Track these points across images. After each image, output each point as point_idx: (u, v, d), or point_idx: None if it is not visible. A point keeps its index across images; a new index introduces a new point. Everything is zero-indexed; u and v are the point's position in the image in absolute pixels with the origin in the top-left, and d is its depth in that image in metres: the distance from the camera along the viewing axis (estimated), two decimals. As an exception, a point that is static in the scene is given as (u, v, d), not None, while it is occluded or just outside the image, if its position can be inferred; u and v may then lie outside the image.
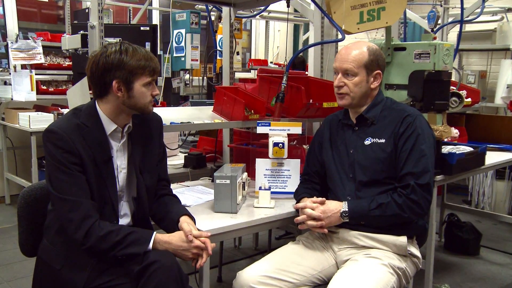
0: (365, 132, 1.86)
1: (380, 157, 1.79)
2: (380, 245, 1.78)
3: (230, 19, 2.94)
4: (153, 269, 1.48)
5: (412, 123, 1.78)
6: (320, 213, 1.77)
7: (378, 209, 1.73)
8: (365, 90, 1.84)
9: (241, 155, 2.69)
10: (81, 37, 2.27)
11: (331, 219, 1.78)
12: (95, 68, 1.56)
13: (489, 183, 4.58)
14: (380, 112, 1.86)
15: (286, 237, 3.78)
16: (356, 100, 1.84)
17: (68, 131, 1.53)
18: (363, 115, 1.87)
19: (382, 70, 1.86)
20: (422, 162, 1.74)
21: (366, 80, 1.83)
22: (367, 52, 1.82)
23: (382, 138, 1.82)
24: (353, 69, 1.81)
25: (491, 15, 5.28)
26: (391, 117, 1.84)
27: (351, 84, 1.82)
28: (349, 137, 1.89)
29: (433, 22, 2.95)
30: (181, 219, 1.65)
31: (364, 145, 1.84)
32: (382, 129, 1.83)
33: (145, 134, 1.74)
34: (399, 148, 1.78)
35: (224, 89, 2.62)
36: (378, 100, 1.88)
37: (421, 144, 1.76)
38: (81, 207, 1.50)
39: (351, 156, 1.86)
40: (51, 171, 1.53)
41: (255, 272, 1.74)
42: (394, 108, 1.87)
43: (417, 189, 1.71)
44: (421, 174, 1.73)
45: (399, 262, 1.76)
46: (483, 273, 3.28)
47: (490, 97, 5.17)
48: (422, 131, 1.78)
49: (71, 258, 1.57)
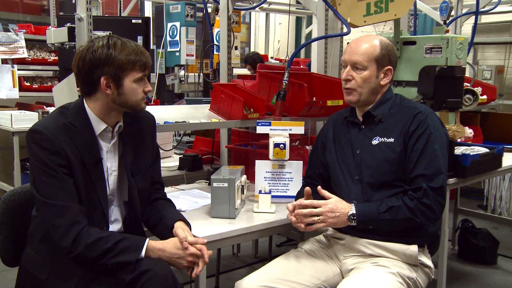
0: (373, 130, 1.86)
1: (389, 157, 1.79)
2: (389, 253, 1.78)
3: (228, 11, 2.95)
4: (145, 279, 1.49)
5: (424, 120, 1.78)
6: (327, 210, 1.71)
7: (388, 212, 1.72)
8: (374, 86, 1.84)
9: (239, 156, 2.70)
10: (68, 30, 2.29)
11: (339, 219, 1.72)
12: (81, 64, 1.57)
13: (506, 187, 4.58)
14: (388, 109, 1.86)
15: (287, 244, 3.79)
16: (364, 96, 1.84)
17: (54, 131, 1.53)
18: (370, 112, 1.87)
19: (393, 67, 1.86)
20: (435, 163, 1.73)
21: (376, 75, 1.82)
22: (379, 45, 1.81)
23: (391, 137, 1.81)
24: (362, 62, 1.80)
25: (509, 5, 5.27)
26: (400, 114, 1.83)
27: (360, 78, 1.82)
28: (355, 137, 1.90)
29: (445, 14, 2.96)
30: (176, 225, 1.66)
31: (372, 145, 1.84)
32: (391, 127, 1.83)
33: (137, 134, 1.75)
34: (409, 147, 1.77)
35: (221, 86, 2.63)
36: (387, 97, 1.88)
37: (434, 144, 1.75)
38: (68, 212, 1.51)
39: (358, 157, 1.86)
40: (36, 174, 1.54)
41: (255, 282, 1.74)
42: (404, 105, 1.87)
43: (429, 193, 1.71)
44: (434, 177, 1.72)
45: (409, 272, 1.76)
46: (500, 284, 3.29)
47: (507, 94, 5.18)
48: (435, 129, 1.77)
49: (57, 267, 1.58)
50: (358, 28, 2.34)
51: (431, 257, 1.90)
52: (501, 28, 5.60)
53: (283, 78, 2.51)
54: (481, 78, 5.21)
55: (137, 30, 3.50)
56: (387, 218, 1.72)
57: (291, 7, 4.26)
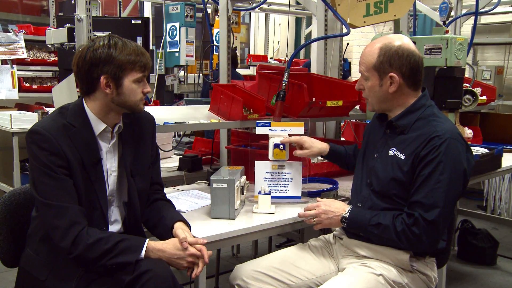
0: (393, 140, 1.79)
1: (396, 175, 1.72)
2: (381, 256, 1.78)
3: (228, 11, 2.95)
4: (145, 279, 1.49)
5: (438, 146, 1.65)
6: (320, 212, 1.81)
7: (376, 227, 1.72)
8: (381, 95, 1.76)
9: (239, 157, 2.70)
10: (68, 30, 2.28)
11: (332, 220, 1.81)
12: (81, 63, 1.57)
13: (506, 187, 4.59)
14: (415, 121, 1.75)
15: (287, 244, 3.79)
16: (376, 106, 1.80)
17: (54, 131, 1.54)
18: (392, 122, 1.80)
19: (401, 72, 1.72)
20: (435, 194, 1.64)
21: (379, 84, 1.74)
22: (377, 52, 1.72)
23: (403, 154, 1.73)
24: (364, 72, 1.77)
25: (509, 6, 5.28)
26: (420, 132, 1.72)
27: (367, 88, 1.79)
28: (379, 139, 1.86)
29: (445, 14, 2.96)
30: (176, 225, 1.66)
31: (388, 154, 1.77)
32: (407, 142, 1.73)
33: (137, 134, 1.75)
34: (417, 171, 1.69)
35: (221, 87, 2.63)
36: (417, 106, 1.76)
37: (441, 174, 1.64)
38: (68, 213, 1.51)
39: (373, 161, 1.84)
40: (35, 175, 1.54)
41: (252, 267, 1.83)
42: (429, 121, 1.73)
43: (420, 223, 1.64)
44: (430, 208, 1.64)
45: (399, 277, 1.74)
46: (500, 284, 3.29)
47: (507, 95, 5.19)
48: (447, 158, 1.65)
49: (57, 268, 1.58)
50: (358, 28, 2.34)
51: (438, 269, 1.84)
52: (500, 28, 5.60)
53: (283, 78, 2.52)
54: (481, 79, 5.22)
55: (136, 30, 3.50)
56: (374, 232, 1.73)
57: (290, 7, 4.26)
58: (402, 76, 1.73)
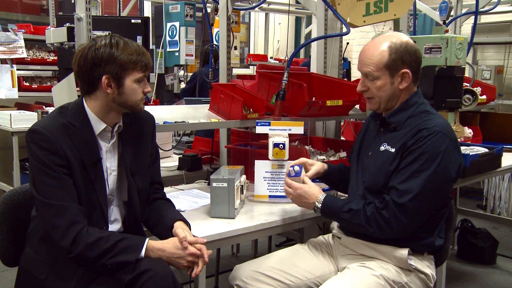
0: (385, 136, 1.81)
1: (386, 168, 1.74)
2: (380, 255, 1.78)
3: (228, 11, 2.95)
4: (145, 278, 1.49)
5: (424, 138, 1.67)
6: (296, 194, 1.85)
7: (348, 213, 1.74)
8: (392, 93, 1.77)
9: (239, 156, 2.70)
10: (67, 30, 2.29)
11: (305, 205, 1.88)
12: (83, 62, 1.57)
13: (506, 187, 4.59)
14: (407, 118, 1.77)
15: (287, 243, 3.80)
16: (384, 104, 1.80)
17: (54, 131, 1.53)
18: (385, 119, 1.81)
19: (411, 67, 1.74)
20: (412, 181, 1.65)
21: (391, 82, 1.75)
22: (387, 51, 1.72)
23: (393, 147, 1.75)
24: (372, 72, 1.75)
25: (509, 5, 5.28)
26: (411, 126, 1.74)
27: (374, 88, 1.77)
28: (373, 137, 1.88)
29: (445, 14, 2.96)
30: (175, 224, 1.66)
31: (379, 150, 1.80)
32: (399, 137, 1.75)
33: (137, 134, 1.75)
34: (402, 161, 1.71)
35: (221, 87, 2.63)
36: (410, 103, 1.78)
37: (422, 164, 1.65)
38: (68, 212, 1.51)
39: (367, 159, 1.85)
40: (35, 174, 1.54)
41: (251, 267, 1.84)
42: (421, 117, 1.75)
43: (391, 206, 1.65)
44: (403, 194, 1.65)
45: (398, 276, 1.74)
46: (499, 284, 3.30)
47: (507, 94, 5.19)
48: (432, 151, 1.65)
49: (57, 267, 1.58)
50: (358, 28, 2.34)
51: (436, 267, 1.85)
52: (500, 28, 5.60)
53: (283, 78, 2.52)
54: (481, 78, 5.21)
55: (136, 30, 3.50)
56: (345, 218, 1.75)
57: (290, 7, 4.26)
58: (412, 71, 1.76)
